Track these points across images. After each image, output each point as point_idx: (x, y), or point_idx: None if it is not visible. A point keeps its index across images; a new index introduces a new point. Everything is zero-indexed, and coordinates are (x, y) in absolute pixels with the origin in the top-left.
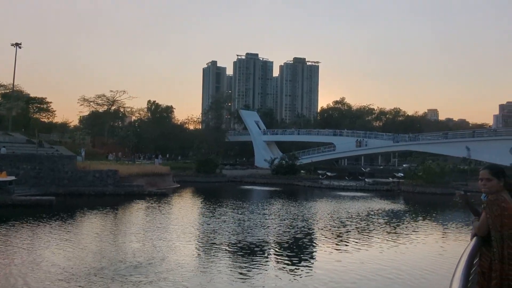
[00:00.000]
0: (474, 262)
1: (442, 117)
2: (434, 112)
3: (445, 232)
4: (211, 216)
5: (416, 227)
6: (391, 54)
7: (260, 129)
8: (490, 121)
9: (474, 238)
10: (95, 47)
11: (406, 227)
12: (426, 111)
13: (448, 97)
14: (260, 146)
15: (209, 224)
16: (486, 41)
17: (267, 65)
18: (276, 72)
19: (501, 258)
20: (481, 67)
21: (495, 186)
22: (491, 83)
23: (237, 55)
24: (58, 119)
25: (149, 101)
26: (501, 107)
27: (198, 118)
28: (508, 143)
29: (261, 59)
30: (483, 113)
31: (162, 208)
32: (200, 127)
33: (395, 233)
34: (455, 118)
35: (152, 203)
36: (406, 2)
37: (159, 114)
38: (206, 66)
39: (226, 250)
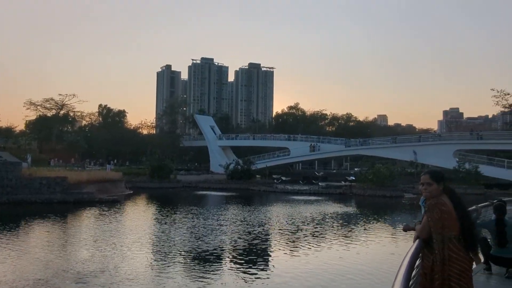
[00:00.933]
0: (417, 263)
1: (391, 122)
2: (384, 117)
3: (395, 233)
4: (165, 223)
5: (368, 228)
6: (343, 60)
7: (215, 134)
8: (435, 126)
9: (417, 241)
10: (43, 49)
11: (359, 229)
12: (376, 116)
13: (397, 103)
14: (215, 151)
15: (162, 231)
16: (431, 49)
17: (222, 70)
18: (231, 77)
19: (442, 259)
20: (427, 74)
21: (435, 190)
22: (436, 90)
23: (192, 60)
24: (2, 123)
25: (100, 105)
26: (445, 112)
27: (152, 123)
28: (451, 147)
29: (216, 63)
30: (428, 118)
31: (114, 216)
32: (154, 132)
33: (349, 235)
34: (403, 123)
35: (103, 211)
36: (357, 10)
37: (111, 119)
38: (160, 70)
39: (180, 258)
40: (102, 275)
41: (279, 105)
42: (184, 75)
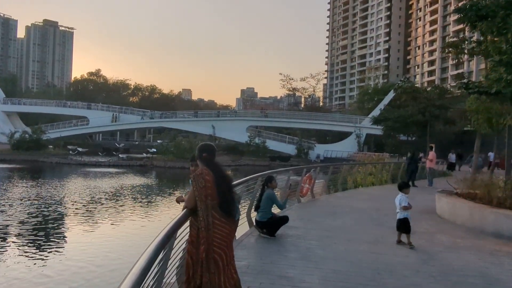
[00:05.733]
0: (183, 232)
1: (195, 97)
2: (188, 92)
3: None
4: None
5: (164, 199)
6: (151, 31)
7: None
8: (234, 103)
9: (184, 210)
10: None
11: (155, 200)
12: (181, 90)
13: (201, 79)
14: None
15: None
16: (234, 30)
17: (9, 24)
18: (21, 34)
19: (206, 225)
20: (232, 52)
21: (199, 167)
22: (237, 69)
23: None
24: None
25: None
26: (242, 91)
27: None
28: (245, 123)
29: (1, 15)
30: (229, 95)
31: None
32: None
33: (146, 207)
34: (206, 99)
35: None
36: None
37: None
38: None
39: None
40: None
41: (79, 70)
42: None
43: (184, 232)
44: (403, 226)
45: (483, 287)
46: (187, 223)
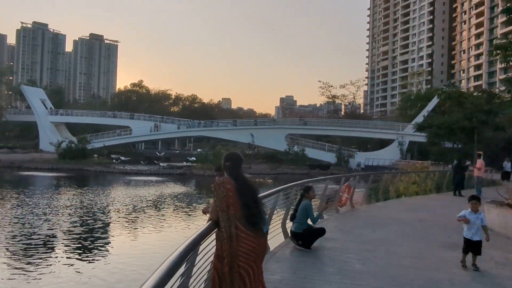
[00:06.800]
0: (209, 245)
1: (234, 106)
2: (228, 101)
3: None
4: None
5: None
6: (190, 42)
7: (47, 108)
8: (273, 111)
9: (209, 223)
10: None
11: (196, 209)
12: (221, 99)
13: (241, 88)
14: (46, 127)
15: None
16: (273, 38)
17: (58, 38)
18: (69, 47)
19: (229, 237)
20: (269, 63)
21: (221, 176)
22: (276, 77)
23: (22, 23)
24: None
25: None
26: (281, 100)
27: None
28: (283, 131)
29: (51, 30)
30: (268, 104)
31: None
32: None
33: (187, 214)
34: (245, 108)
35: None
36: None
37: None
38: None
39: (4, 249)
40: None
41: (123, 81)
42: (11, 40)
43: (210, 245)
44: (477, 248)
45: None
46: (213, 236)
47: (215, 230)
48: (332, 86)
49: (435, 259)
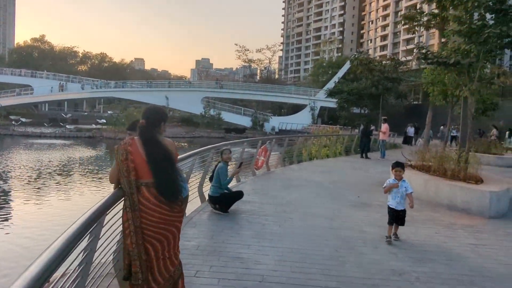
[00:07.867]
0: (114, 214)
1: (148, 67)
2: (141, 61)
3: None
4: None
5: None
6: None
7: None
8: (189, 74)
9: (116, 189)
10: None
11: (107, 173)
12: (134, 59)
13: (155, 48)
14: None
15: None
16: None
17: None
18: None
19: (131, 205)
20: (185, 23)
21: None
22: (192, 39)
23: None
24: None
25: None
26: (197, 62)
27: None
28: (200, 94)
29: None
30: (184, 66)
31: None
32: None
33: (98, 180)
34: (160, 69)
35: None
36: None
37: None
38: None
39: None
40: None
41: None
42: None
43: (119, 215)
44: (401, 218)
45: (444, 264)
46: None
47: (123, 198)
48: (248, 50)
49: (347, 219)
